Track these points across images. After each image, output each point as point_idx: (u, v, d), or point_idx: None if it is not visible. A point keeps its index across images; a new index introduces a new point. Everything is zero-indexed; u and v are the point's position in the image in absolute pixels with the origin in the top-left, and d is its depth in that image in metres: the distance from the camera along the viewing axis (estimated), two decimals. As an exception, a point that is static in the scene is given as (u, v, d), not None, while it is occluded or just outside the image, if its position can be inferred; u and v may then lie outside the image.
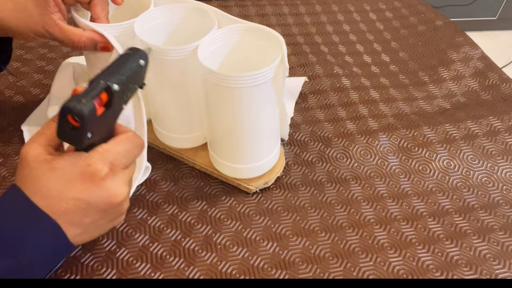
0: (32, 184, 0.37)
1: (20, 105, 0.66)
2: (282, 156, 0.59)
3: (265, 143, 0.53)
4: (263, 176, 0.56)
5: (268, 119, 0.51)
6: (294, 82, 0.72)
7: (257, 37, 0.50)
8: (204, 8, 0.52)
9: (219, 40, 0.50)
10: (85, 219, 0.38)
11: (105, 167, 0.37)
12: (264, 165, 0.54)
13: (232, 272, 0.48)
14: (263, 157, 0.54)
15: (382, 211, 0.55)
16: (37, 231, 0.36)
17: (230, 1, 0.95)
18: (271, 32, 0.49)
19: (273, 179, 0.56)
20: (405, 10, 0.97)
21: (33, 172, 0.37)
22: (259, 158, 0.53)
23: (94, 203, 0.38)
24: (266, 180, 0.56)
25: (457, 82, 0.77)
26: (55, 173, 0.37)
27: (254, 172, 0.55)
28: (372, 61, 0.81)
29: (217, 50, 0.50)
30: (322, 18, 0.93)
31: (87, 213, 0.38)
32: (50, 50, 0.79)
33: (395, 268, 0.49)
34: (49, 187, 0.37)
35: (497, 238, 0.52)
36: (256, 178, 0.56)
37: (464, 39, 0.86)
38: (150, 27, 0.51)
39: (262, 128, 0.51)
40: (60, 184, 0.37)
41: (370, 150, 0.62)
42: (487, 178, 0.60)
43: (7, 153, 0.59)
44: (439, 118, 0.68)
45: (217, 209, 0.54)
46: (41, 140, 0.38)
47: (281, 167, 0.58)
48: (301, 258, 0.49)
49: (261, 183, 0.55)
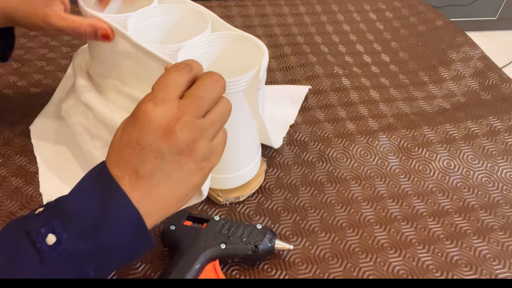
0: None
1: (20, 105, 0.66)
2: (261, 174, 0.57)
3: (239, 155, 0.52)
4: (237, 190, 0.54)
5: (241, 131, 0.49)
6: (297, 90, 0.71)
7: (245, 46, 0.49)
8: (201, 11, 0.52)
9: (205, 46, 0.49)
10: (146, 165, 0.34)
11: (147, 102, 0.35)
12: (237, 178, 0.53)
13: (232, 273, 0.48)
14: (236, 170, 0.52)
15: (382, 211, 0.55)
16: (114, 212, 0.34)
17: (230, 1, 0.95)
18: (257, 42, 0.48)
19: (247, 195, 0.55)
20: (405, 10, 0.97)
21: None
22: (231, 170, 0.52)
23: (144, 141, 0.34)
24: (239, 194, 0.54)
25: (457, 82, 0.77)
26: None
27: (227, 183, 0.53)
28: (372, 61, 0.81)
29: (201, 57, 0.48)
30: (322, 18, 0.93)
31: (144, 158, 0.34)
32: (50, 51, 0.79)
33: (395, 268, 0.49)
34: (114, 135, 0.36)
35: (497, 238, 0.52)
36: (230, 190, 0.54)
37: (464, 39, 0.86)
38: (147, 24, 0.51)
39: (235, 140, 0.48)
40: (120, 129, 0.36)
41: (370, 150, 0.62)
42: (487, 178, 0.60)
43: (7, 153, 0.59)
44: (439, 118, 0.68)
45: (217, 209, 0.54)
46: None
47: (258, 184, 0.56)
48: (301, 258, 0.49)
49: (232, 197, 0.54)
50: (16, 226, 0.33)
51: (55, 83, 0.70)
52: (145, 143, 0.34)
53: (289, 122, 0.66)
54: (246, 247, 0.46)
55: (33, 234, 0.32)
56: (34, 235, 0.32)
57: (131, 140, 0.34)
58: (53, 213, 0.33)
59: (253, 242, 0.46)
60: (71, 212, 0.33)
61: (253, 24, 0.88)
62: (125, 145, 0.35)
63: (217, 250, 0.45)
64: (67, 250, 0.32)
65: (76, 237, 0.32)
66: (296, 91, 0.71)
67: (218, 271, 0.45)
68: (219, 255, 0.46)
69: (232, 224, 0.48)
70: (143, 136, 0.34)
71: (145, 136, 0.34)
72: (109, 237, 0.33)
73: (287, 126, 0.65)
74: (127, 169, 0.34)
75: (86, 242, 0.33)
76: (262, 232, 0.47)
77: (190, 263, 0.44)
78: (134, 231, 0.34)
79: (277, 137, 0.62)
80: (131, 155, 0.34)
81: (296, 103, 0.69)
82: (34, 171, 0.57)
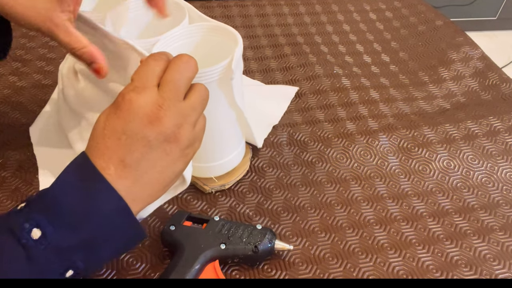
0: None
1: (20, 106, 0.66)
2: (246, 162, 0.58)
3: (220, 144, 0.52)
4: (222, 178, 0.55)
5: (221, 120, 0.50)
6: (284, 91, 0.71)
7: (222, 37, 0.49)
8: (179, 3, 0.51)
9: (182, 39, 0.49)
10: (133, 154, 0.35)
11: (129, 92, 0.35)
12: (221, 166, 0.54)
13: (232, 273, 0.48)
14: (219, 158, 0.53)
15: (382, 212, 0.55)
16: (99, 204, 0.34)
17: (230, 1, 0.95)
18: (232, 32, 0.48)
19: (232, 183, 0.56)
20: (405, 10, 0.97)
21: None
22: (215, 158, 0.53)
23: (130, 130, 0.34)
24: (224, 182, 0.55)
25: (457, 82, 0.77)
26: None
27: (211, 171, 0.54)
28: (372, 61, 0.81)
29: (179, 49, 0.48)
30: (322, 18, 0.93)
31: (131, 147, 0.34)
32: (50, 51, 0.79)
33: (395, 269, 0.49)
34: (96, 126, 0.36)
35: (497, 238, 0.52)
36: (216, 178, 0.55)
37: (464, 39, 0.86)
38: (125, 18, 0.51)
39: (214, 130, 0.49)
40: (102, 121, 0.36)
41: (370, 150, 0.62)
42: (487, 178, 0.60)
43: (7, 154, 0.59)
44: (439, 118, 0.68)
45: (217, 209, 0.54)
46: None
47: (243, 171, 0.57)
48: (301, 259, 0.49)
49: (217, 185, 0.55)
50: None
51: (55, 83, 0.70)
52: (131, 132, 0.34)
53: (273, 122, 0.65)
54: (246, 247, 0.46)
55: (17, 231, 0.31)
56: (18, 232, 0.31)
57: (116, 130, 0.35)
58: (36, 207, 0.33)
59: (253, 242, 0.46)
60: (55, 205, 0.33)
61: (253, 24, 0.88)
62: (109, 136, 0.35)
63: (217, 250, 0.45)
64: (54, 244, 0.32)
65: (62, 230, 0.32)
66: (283, 92, 0.71)
67: (218, 271, 0.45)
68: (219, 255, 0.46)
69: (232, 224, 0.48)
70: (128, 126, 0.34)
71: (131, 125, 0.34)
72: (96, 228, 0.33)
73: (270, 126, 0.65)
74: (113, 159, 0.34)
75: (73, 235, 0.33)
76: (262, 232, 0.47)
77: (190, 264, 0.44)
78: (121, 220, 0.35)
79: (260, 135, 0.61)
80: (117, 145, 0.34)
81: (282, 104, 0.69)
82: (34, 171, 0.57)
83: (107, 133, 0.35)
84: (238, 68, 0.46)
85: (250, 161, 0.59)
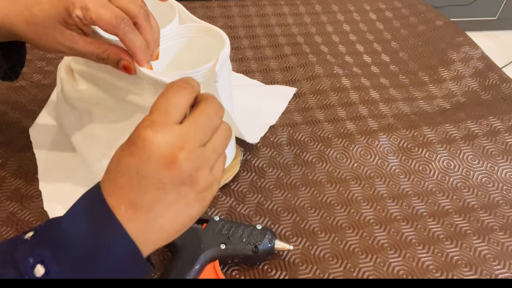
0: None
1: (20, 106, 0.66)
2: (236, 164, 0.57)
3: None
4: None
5: None
6: (282, 90, 0.71)
7: (210, 38, 0.49)
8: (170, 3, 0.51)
9: (170, 40, 0.48)
10: (145, 197, 0.32)
11: (146, 128, 0.32)
12: None
13: (232, 273, 0.48)
14: None
15: (382, 212, 0.55)
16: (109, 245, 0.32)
17: (230, 1, 0.95)
18: (220, 34, 0.47)
19: (221, 184, 0.55)
20: (405, 10, 0.97)
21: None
22: None
23: (144, 171, 0.32)
24: None
25: (457, 82, 0.77)
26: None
27: None
28: (372, 61, 0.81)
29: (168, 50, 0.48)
30: (322, 18, 0.93)
31: (144, 188, 0.32)
32: (50, 50, 0.79)
33: (395, 269, 0.49)
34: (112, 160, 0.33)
35: (497, 238, 0.52)
36: None
37: (464, 39, 0.86)
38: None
39: None
40: (117, 155, 0.33)
41: (370, 150, 0.62)
42: (487, 178, 0.60)
43: (7, 154, 0.59)
44: (439, 118, 0.68)
45: (217, 209, 0.54)
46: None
47: (233, 174, 0.56)
48: (301, 259, 0.49)
49: None
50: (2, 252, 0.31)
51: (55, 83, 0.70)
52: (145, 173, 0.32)
53: (270, 122, 0.65)
54: (246, 247, 0.46)
55: (21, 265, 0.30)
56: (21, 267, 0.30)
57: (129, 169, 0.32)
58: (43, 239, 0.31)
59: (253, 242, 0.46)
60: (62, 240, 0.31)
61: (253, 24, 0.88)
62: (122, 174, 0.32)
63: (217, 250, 0.45)
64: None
65: (67, 269, 0.31)
66: (282, 93, 0.71)
67: (218, 271, 0.45)
68: (219, 255, 0.46)
69: (232, 224, 0.48)
70: (143, 166, 0.32)
71: (145, 166, 0.32)
72: (103, 269, 0.32)
73: (267, 126, 0.64)
74: (124, 200, 0.32)
75: (77, 274, 0.31)
76: (262, 232, 0.47)
77: (190, 264, 0.44)
78: (130, 262, 0.33)
79: (254, 133, 0.61)
80: (129, 185, 0.32)
81: (280, 105, 0.69)
82: (34, 172, 0.57)
83: (120, 170, 0.32)
84: (224, 71, 0.45)
85: (240, 164, 0.58)
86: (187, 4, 0.91)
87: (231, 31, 0.85)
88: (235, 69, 0.76)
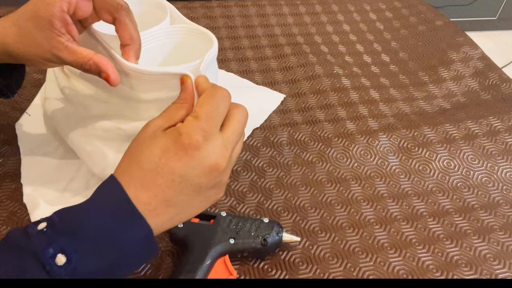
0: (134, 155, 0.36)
1: (20, 105, 0.66)
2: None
3: None
4: None
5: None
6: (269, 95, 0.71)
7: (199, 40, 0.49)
8: (161, 3, 0.51)
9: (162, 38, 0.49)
10: (180, 196, 0.35)
11: (196, 135, 0.34)
12: None
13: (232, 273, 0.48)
14: None
15: (382, 211, 0.55)
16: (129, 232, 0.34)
17: (230, 1, 0.95)
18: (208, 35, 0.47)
19: None
20: (405, 10, 0.97)
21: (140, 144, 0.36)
22: None
23: (189, 176, 0.35)
24: None
25: (457, 82, 0.77)
26: (154, 142, 0.35)
27: None
28: (372, 61, 0.81)
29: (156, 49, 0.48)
30: (322, 18, 0.93)
31: (182, 190, 0.35)
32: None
33: (395, 268, 0.49)
34: (147, 158, 0.35)
35: (497, 238, 0.52)
36: None
37: (464, 39, 0.86)
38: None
39: None
40: (157, 155, 0.35)
41: (370, 150, 0.62)
42: (487, 178, 0.60)
43: (7, 154, 0.59)
44: (439, 118, 0.68)
45: (217, 209, 0.54)
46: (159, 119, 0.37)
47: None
48: (301, 258, 0.49)
49: None
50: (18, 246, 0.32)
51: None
52: (189, 177, 0.35)
53: (254, 125, 0.65)
54: (255, 241, 0.47)
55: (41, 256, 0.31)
56: (41, 257, 0.31)
57: (172, 172, 0.34)
58: (62, 230, 0.32)
59: (262, 235, 0.47)
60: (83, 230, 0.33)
61: (253, 24, 0.88)
62: (163, 174, 0.34)
63: (227, 245, 0.46)
64: (78, 269, 0.31)
65: (87, 257, 0.32)
66: (269, 97, 0.71)
67: (228, 265, 0.45)
68: (228, 250, 0.46)
69: (239, 219, 0.48)
70: (188, 171, 0.34)
71: (192, 172, 0.34)
72: (121, 255, 0.34)
73: (251, 129, 0.64)
74: (159, 197, 0.34)
75: (97, 261, 0.32)
76: (269, 225, 0.48)
77: (201, 260, 0.44)
78: (145, 247, 0.35)
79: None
80: (168, 186, 0.34)
81: (266, 109, 0.68)
82: (34, 171, 0.57)
83: (160, 171, 0.34)
84: (210, 72, 0.45)
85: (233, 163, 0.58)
86: (187, 4, 0.91)
87: (231, 31, 0.85)
88: (235, 69, 0.76)
